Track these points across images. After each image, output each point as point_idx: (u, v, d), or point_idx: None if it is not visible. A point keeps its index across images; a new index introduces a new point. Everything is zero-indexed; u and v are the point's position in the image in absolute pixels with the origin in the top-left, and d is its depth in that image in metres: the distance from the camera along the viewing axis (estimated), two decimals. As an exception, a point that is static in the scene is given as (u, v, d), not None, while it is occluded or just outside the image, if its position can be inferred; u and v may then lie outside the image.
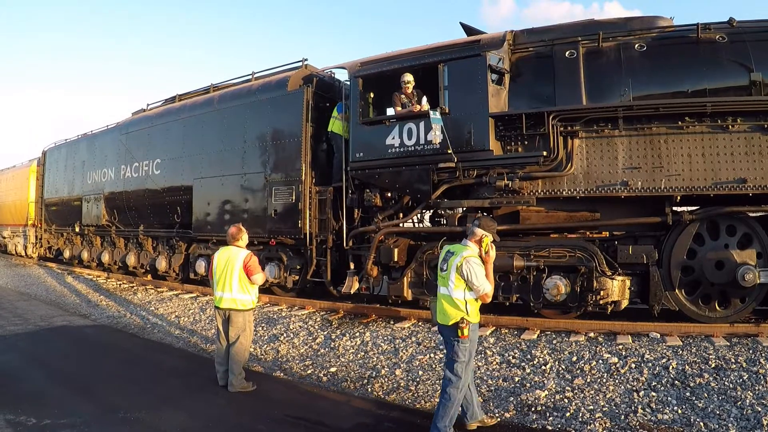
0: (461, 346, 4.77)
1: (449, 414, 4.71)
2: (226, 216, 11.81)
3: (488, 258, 4.89)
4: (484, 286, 4.74)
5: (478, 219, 5.04)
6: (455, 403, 4.75)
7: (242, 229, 6.94)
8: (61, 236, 19.41)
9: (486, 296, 4.80)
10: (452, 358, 4.80)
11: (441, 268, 4.95)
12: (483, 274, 4.77)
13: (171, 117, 13.69)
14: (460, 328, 4.72)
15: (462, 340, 4.75)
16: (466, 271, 4.71)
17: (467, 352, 4.81)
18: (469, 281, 4.70)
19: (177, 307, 11.36)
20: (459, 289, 4.77)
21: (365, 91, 9.73)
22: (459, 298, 4.76)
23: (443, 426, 4.68)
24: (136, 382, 6.66)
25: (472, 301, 4.80)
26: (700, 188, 7.47)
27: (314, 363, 7.52)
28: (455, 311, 4.78)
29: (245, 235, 6.97)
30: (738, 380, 5.78)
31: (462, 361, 4.77)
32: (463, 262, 4.73)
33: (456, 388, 4.73)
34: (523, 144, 8.35)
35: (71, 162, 18.10)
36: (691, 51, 7.95)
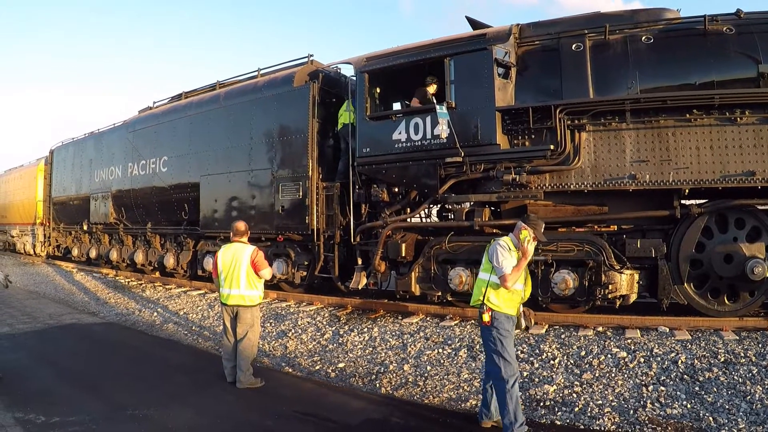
0: (488, 334, 4.74)
1: (510, 409, 4.60)
2: (234, 212, 11.84)
3: (524, 250, 4.78)
4: (503, 267, 4.66)
5: (526, 215, 5.08)
6: (511, 395, 4.62)
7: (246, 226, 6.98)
8: (69, 234, 19.55)
9: (505, 279, 4.66)
10: (487, 347, 4.79)
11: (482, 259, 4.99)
12: (507, 258, 4.70)
13: (177, 114, 13.73)
14: (480, 312, 4.72)
15: (487, 327, 4.72)
16: (491, 251, 4.75)
17: (498, 342, 4.70)
18: (492, 260, 4.72)
19: (185, 304, 11.40)
20: (485, 272, 4.81)
21: (371, 87, 9.71)
22: (483, 279, 4.79)
23: (508, 422, 4.60)
24: (145, 379, 6.69)
25: (495, 286, 4.74)
26: (709, 181, 7.41)
27: (322, 359, 7.53)
28: (477, 292, 4.83)
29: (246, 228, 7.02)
30: (747, 374, 5.75)
31: (495, 350, 4.70)
32: (490, 245, 4.80)
33: (502, 381, 4.64)
34: (530, 138, 8.31)
35: (78, 160, 18.19)
36: (699, 43, 7.86)
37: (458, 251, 8.83)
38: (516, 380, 4.74)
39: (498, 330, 4.74)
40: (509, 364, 4.70)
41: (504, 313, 4.78)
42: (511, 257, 4.74)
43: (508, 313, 4.82)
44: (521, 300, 4.98)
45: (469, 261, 8.73)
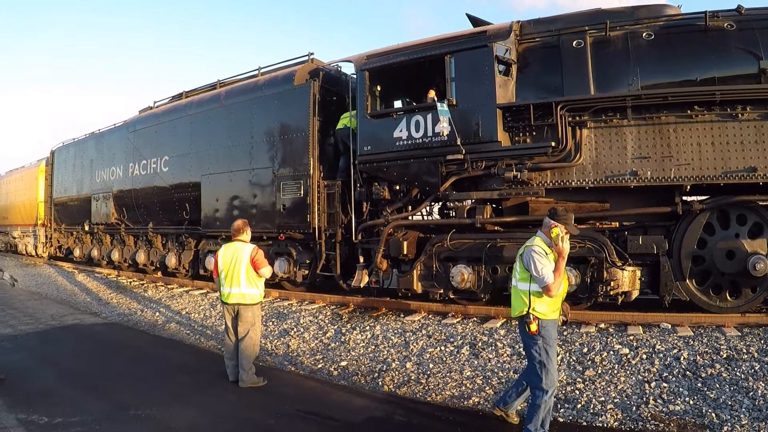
0: (533, 343, 4.50)
1: (539, 418, 4.45)
2: (235, 211, 11.84)
3: (560, 249, 4.51)
4: (545, 277, 4.37)
5: (553, 209, 4.75)
6: (544, 408, 4.46)
7: (247, 224, 6.96)
8: (71, 235, 19.55)
9: (549, 290, 4.39)
10: (529, 356, 4.56)
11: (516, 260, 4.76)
12: (546, 265, 4.41)
13: (178, 114, 13.72)
14: (527, 323, 4.44)
15: (532, 336, 4.46)
16: (527, 260, 4.47)
17: (542, 351, 4.47)
18: (530, 271, 4.44)
19: (187, 304, 11.41)
20: (524, 281, 4.54)
21: (372, 85, 9.71)
22: (524, 290, 4.52)
23: (533, 428, 4.46)
24: (147, 379, 6.70)
25: (538, 294, 4.47)
26: (710, 177, 7.41)
27: (325, 357, 7.53)
28: (519, 303, 4.58)
29: (249, 229, 6.96)
30: (750, 370, 5.74)
31: (539, 360, 4.45)
32: (525, 251, 4.54)
33: (542, 391, 4.44)
34: (531, 135, 8.30)
35: (79, 161, 18.20)
36: (700, 39, 7.84)
37: (460, 249, 8.82)
38: (554, 391, 4.59)
39: (545, 339, 4.50)
40: (551, 375, 4.49)
41: (551, 319, 4.56)
42: (549, 262, 4.47)
43: (554, 318, 4.61)
44: (562, 298, 4.75)
45: (471, 258, 8.73)
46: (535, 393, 4.51)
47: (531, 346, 4.53)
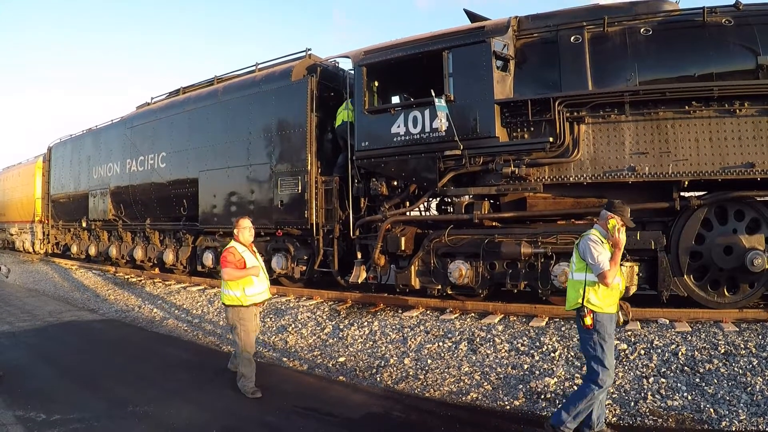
0: (589, 337, 4.40)
1: (576, 409, 4.35)
2: (233, 208, 11.83)
3: (616, 240, 4.41)
4: (601, 264, 4.31)
5: (610, 201, 4.67)
6: (592, 402, 4.36)
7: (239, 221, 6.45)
8: (68, 232, 19.51)
9: (605, 277, 4.30)
10: (585, 352, 4.47)
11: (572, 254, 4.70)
12: (602, 252, 4.36)
13: (175, 110, 13.69)
14: (581, 316, 4.37)
15: (588, 330, 4.37)
16: (583, 248, 4.43)
17: (598, 346, 4.37)
18: (586, 258, 4.39)
19: (185, 300, 11.40)
20: (580, 272, 4.48)
21: (369, 80, 9.68)
22: (580, 280, 4.46)
23: (565, 416, 4.36)
24: (145, 376, 6.68)
25: (593, 285, 4.39)
26: (708, 173, 7.41)
27: (323, 353, 7.53)
28: (575, 294, 4.49)
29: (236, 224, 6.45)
30: (748, 366, 5.76)
31: (594, 355, 4.36)
32: (581, 240, 4.50)
33: (596, 385, 4.33)
34: (529, 130, 8.29)
35: (77, 157, 18.14)
36: (697, 35, 7.82)
37: (458, 244, 8.83)
38: (607, 389, 4.48)
39: (600, 333, 4.38)
40: (607, 371, 4.37)
41: (606, 313, 4.44)
42: (605, 250, 4.40)
43: (610, 312, 4.48)
44: (620, 294, 4.63)
45: (469, 254, 8.74)
46: (586, 386, 4.42)
47: (586, 341, 4.44)
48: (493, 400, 5.61)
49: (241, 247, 6.21)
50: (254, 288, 6.12)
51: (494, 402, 5.57)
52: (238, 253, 6.10)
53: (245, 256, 6.14)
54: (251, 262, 6.16)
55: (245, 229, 6.33)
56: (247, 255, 6.17)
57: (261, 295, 6.23)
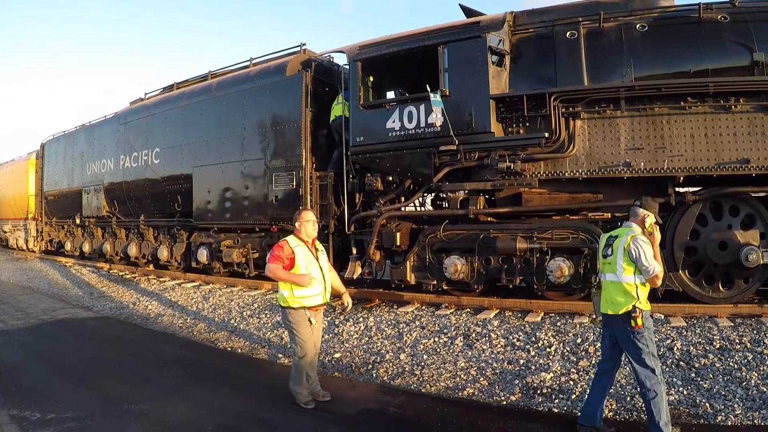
0: (639, 337, 4.33)
1: (663, 409, 4.27)
2: (227, 203, 11.78)
3: (653, 239, 4.45)
4: (654, 266, 4.29)
5: (641, 199, 4.64)
6: (663, 397, 4.29)
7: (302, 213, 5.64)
8: (62, 229, 19.40)
9: (657, 278, 4.31)
10: (635, 352, 4.35)
11: (604, 254, 4.59)
12: (652, 253, 4.35)
13: (169, 105, 13.60)
14: (633, 317, 4.28)
15: (638, 330, 4.31)
16: (634, 251, 4.32)
17: (648, 341, 4.36)
18: (638, 261, 4.30)
19: (180, 297, 11.35)
20: (629, 274, 4.37)
21: (365, 75, 9.63)
22: (629, 283, 4.36)
23: (663, 424, 4.24)
24: (140, 373, 6.65)
25: (642, 286, 4.37)
26: (703, 168, 7.45)
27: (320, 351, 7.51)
28: (626, 298, 4.36)
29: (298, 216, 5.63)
30: (743, 361, 5.78)
31: (648, 351, 4.33)
32: (631, 242, 4.36)
33: (658, 381, 4.29)
34: (524, 126, 8.29)
35: (70, 153, 18.02)
36: (693, 31, 7.84)
37: (453, 240, 8.82)
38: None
39: (648, 330, 4.39)
40: (658, 363, 4.39)
41: (648, 310, 4.47)
42: (651, 249, 4.39)
43: (649, 309, 4.50)
44: None
45: (464, 249, 8.73)
46: (652, 386, 4.30)
47: (638, 341, 4.35)
48: (490, 396, 5.61)
49: (297, 242, 5.44)
50: (305, 289, 5.33)
51: (490, 397, 5.57)
52: (288, 249, 5.35)
53: (298, 253, 5.36)
54: (306, 263, 5.37)
55: (308, 222, 5.51)
56: (301, 252, 5.40)
57: (313, 299, 5.40)
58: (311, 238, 5.55)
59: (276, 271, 5.26)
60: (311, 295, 5.37)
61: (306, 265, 5.35)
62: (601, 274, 4.67)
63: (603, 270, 4.62)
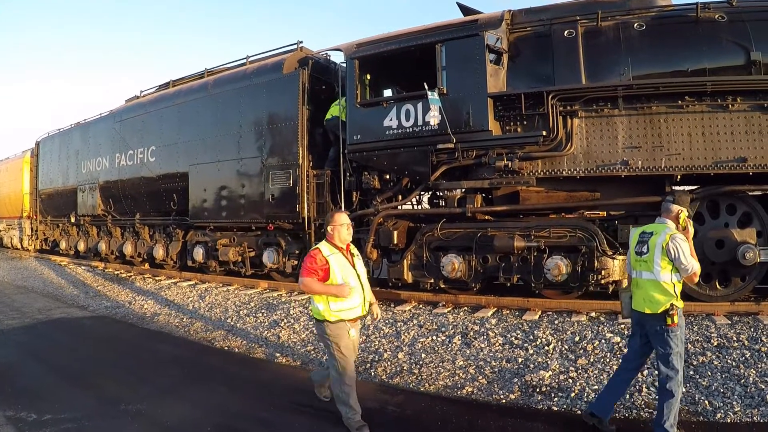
0: (672, 335, 4.25)
1: (674, 412, 4.22)
2: (223, 202, 11.74)
3: (687, 234, 4.38)
4: (692, 264, 4.23)
5: (673, 194, 4.58)
6: (677, 400, 4.25)
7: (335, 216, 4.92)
8: (57, 227, 19.29)
9: (695, 276, 4.28)
10: (666, 350, 4.27)
11: (638, 251, 4.48)
12: (689, 251, 4.28)
13: (165, 103, 13.55)
14: (670, 315, 4.21)
15: (672, 328, 4.24)
16: (673, 250, 4.23)
17: (680, 341, 4.29)
18: (677, 260, 4.22)
19: (176, 295, 11.30)
20: (666, 272, 4.28)
21: (362, 73, 9.61)
22: (667, 281, 4.27)
23: (669, 426, 4.20)
24: (137, 373, 6.59)
25: (678, 284, 4.31)
26: (701, 167, 7.48)
27: (316, 348, 7.47)
28: (664, 297, 4.27)
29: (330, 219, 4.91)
30: (740, 358, 5.79)
31: (677, 351, 4.26)
32: (669, 240, 4.26)
33: (677, 383, 4.23)
34: (522, 124, 8.29)
35: (65, 152, 17.93)
36: (691, 30, 7.87)
37: (450, 238, 8.82)
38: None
39: (681, 329, 4.30)
40: (683, 365, 4.33)
41: (682, 308, 4.39)
42: (688, 247, 4.32)
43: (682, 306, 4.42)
44: None
45: (462, 248, 8.72)
46: (671, 386, 4.24)
47: (671, 339, 4.27)
48: (489, 394, 5.59)
49: (330, 250, 4.74)
50: (342, 302, 4.71)
51: (489, 396, 5.55)
52: (321, 258, 4.68)
53: (333, 262, 4.69)
54: (343, 271, 4.71)
55: (342, 226, 4.81)
56: (336, 260, 4.72)
57: (352, 311, 4.76)
58: (345, 243, 4.86)
59: (311, 285, 4.64)
60: (350, 308, 4.73)
61: (342, 274, 4.69)
62: (633, 271, 4.56)
63: (636, 268, 4.51)
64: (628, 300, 4.62)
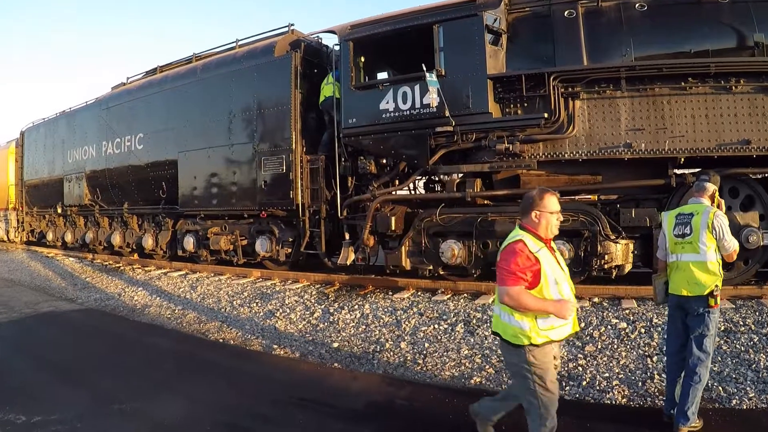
0: (712, 317, 4.16)
1: (697, 398, 4.12)
2: (214, 189, 11.47)
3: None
4: (733, 241, 4.20)
5: (707, 173, 4.50)
6: (703, 385, 4.16)
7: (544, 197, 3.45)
8: (44, 218, 18.88)
9: (734, 254, 4.26)
10: (703, 332, 4.15)
11: (679, 234, 4.32)
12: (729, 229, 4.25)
13: (153, 89, 13.19)
14: (714, 296, 4.11)
15: (713, 309, 4.15)
16: (718, 228, 4.16)
17: (715, 324, 4.22)
18: (722, 239, 4.16)
19: (167, 286, 11.05)
20: (712, 251, 4.19)
21: (356, 56, 9.32)
22: (713, 261, 4.17)
23: (692, 412, 4.09)
24: (130, 369, 6.32)
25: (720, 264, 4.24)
26: (704, 150, 7.37)
27: (315, 339, 7.29)
28: (710, 278, 4.15)
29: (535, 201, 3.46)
30: (749, 343, 5.71)
31: (712, 334, 4.18)
32: (713, 218, 4.18)
33: (706, 367, 4.15)
34: (522, 106, 8.09)
35: (50, 141, 17.48)
36: (693, 11, 7.75)
37: (449, 224, 8.63)
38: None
39: (719, 311, 4.28)
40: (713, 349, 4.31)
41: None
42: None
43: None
44: None
45: (461, 233, 8.55)
46: (700, 370, 4.14)
47: (711, 321, 4.17)
48: (498, 384, 5.44)
49: (536, 244, 3.34)
50: (554, 318, 3.31)
51: (500, 386, 5.39)
52: (530, 254, 3.30)
53: (543, 259, 3.32)
54: (555, 275, 3.34)
55: (553, 215, 3.42)
56: (546, 258, 3.35)
57: (563, 329, 3.39)
58: (550, 237, 3.47)
59: (524, 299, 3.24)
60: (562, 324, 3.36)
61: (556, 279, 3.33)
62: (671, 255, 4.41)
63: (676, 251, 4.36)
64: (663, 285, 4.50)
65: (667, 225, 4.49)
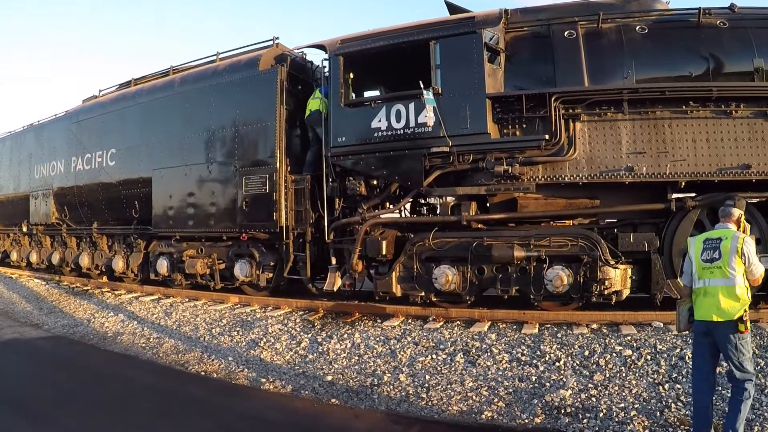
0: (744, 341, 4.16)
1: (746, 413, 4.17)
2: (190, 209, 10.92)
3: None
4: (760, 266, 4.22)
5: (733, 198, 4.64)
6: (751, 400, 4.21)
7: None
8: (8, 237, 17.90)
9: (760, 278, 4.27)
10: (740, 357, 4.16)
11: (707, 259, 4.30)
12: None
13: (126, 103, 12.60)
14: (743, 321, 4.12)
15: (744, 334, 4.15)
16: (747, 253, 4.18)
17: (749, 345, 4.22)
18: (750, 263, 4.18)
19: (139, 312, 10.40)
20: (741, 275, 4.19)
21: (347, 71, 8.99)
22: (742, 285, 4.18)
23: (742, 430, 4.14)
24: (103, 406, 5.74)
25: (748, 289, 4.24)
26: (705, 174, 7.30)
27: (305, 371, 6.81)
28: (739, 303, 4.16)
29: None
30: (756, 368, 5.47)
31: (748, 357, 4.19)
32: (743, 244, 4.20)
33: (753, 384, 4.21)
34: (521, 127, 7.90)
35: (17, 156, 16.62)
36: (693, 35, 7.78)
37: (443, 248, 8.30)
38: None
39: (750, 333, 4.25)
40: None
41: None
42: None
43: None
44: None
45: (455, 258, 8.22)
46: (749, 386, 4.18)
47: (744, 345, 4.17)
48: (512, 419, 5.09)
49: None
50: None
51: (513, 420, 5.06)
52: None
53: None
54: None
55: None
56: None
57: None
58: None
59: None
60: None
61: None
62: (698, 281, 4.36)
63: (704, 276, 4.32)
64: (687, 312, 4.49)
65: (695, 250, 4.45)
